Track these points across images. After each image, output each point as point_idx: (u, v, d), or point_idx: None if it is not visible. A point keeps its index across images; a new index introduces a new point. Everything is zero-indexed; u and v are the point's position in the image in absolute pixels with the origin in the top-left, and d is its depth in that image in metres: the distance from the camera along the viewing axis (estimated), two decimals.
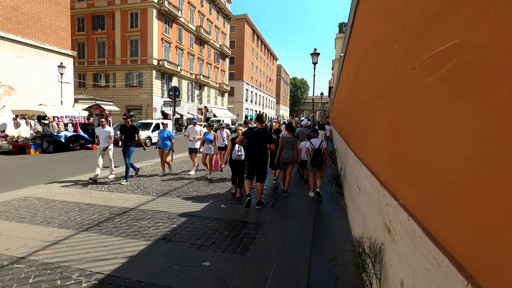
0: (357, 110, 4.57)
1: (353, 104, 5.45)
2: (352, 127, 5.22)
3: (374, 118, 2.89)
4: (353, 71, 5.74)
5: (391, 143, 2.17)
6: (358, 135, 4.24)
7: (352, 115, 5.49)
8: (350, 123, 5.64)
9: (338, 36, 48.35)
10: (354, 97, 5.23)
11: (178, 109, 34.45)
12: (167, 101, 11.63)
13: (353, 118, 5.05)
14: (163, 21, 30.75)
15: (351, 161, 4.75)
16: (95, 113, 22.84)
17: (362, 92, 4.05)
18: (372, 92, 3.15)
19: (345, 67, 8.80)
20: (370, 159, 3.04)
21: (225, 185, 7.13)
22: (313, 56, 13.61)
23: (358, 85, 4.68)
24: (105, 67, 31.21)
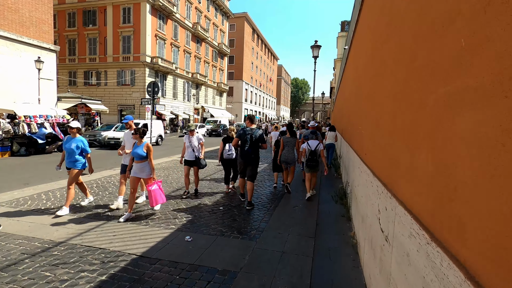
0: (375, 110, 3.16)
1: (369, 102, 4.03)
2: (371, 134, 3.79)
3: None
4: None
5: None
6: (381, 146, 2.82)
7: (365, 116, 4.08)
8: (365, 127, 4.22)
9: (340, 34, 46.92)
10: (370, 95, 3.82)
11: (174, 109, 33.12)
12: (145, 99, 10.21)
13: (369, 120, 3.64)
14: (157, 16, 29.38)
15: (364, 181, 3.33)
16: (81, 112, 21.50)
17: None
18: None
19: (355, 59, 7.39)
20: (420, 200, 1.60)
21: (201, 203, 5.69)
22: (314, 49, 12.17)
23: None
24: (96, 64, 29.86)
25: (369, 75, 3.62)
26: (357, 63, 5.80)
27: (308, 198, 6.02)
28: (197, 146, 6.03)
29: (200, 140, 6.10)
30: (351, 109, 6.81)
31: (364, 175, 3.45)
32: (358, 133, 4.74)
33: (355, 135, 5.34)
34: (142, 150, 4.76)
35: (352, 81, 6.51)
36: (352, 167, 5.09)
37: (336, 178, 8.41)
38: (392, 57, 2.36)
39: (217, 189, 6.82)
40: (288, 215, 5.04)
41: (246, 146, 5.42)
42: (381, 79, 2.82)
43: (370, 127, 3.41)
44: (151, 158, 4.84)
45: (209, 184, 7.36)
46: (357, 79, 5.39)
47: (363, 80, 4.41)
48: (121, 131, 17.01)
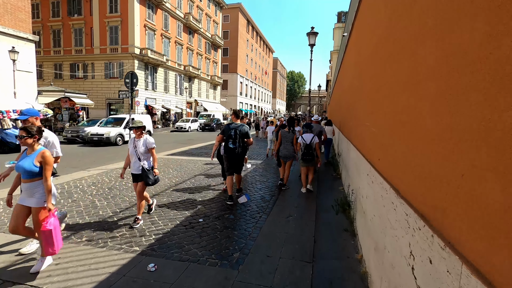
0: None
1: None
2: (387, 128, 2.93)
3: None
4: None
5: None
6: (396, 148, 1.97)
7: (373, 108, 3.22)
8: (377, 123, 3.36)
9: (337, 26, 45.80)
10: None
11: (165, 103, 32.01)
12: (123, 91, 9.24)
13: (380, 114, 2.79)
14: (146, 6, 28.00)
15: (378, 196, 2.50)
16: (64, 106, 20.35)
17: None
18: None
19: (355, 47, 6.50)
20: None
21: (177, 214, 4.83)
22: (310, 36, 11.21)
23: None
24: (82, 56, 28.49)
25: (385, 55, 2.75)
26: (360, 47, 4.92)
27: (306, 192, 6.07)
28: (144, 153, 4.19)
29: (151, 145, 4.21)
30: (352, 100, 5.96)
31: (377, 188, 2.62)
32: (364, 130, 3.90)
33: (358, 131, 4.50)
34: (32, 162, 2.89)
35: (354, 67, 5.63)
36: (356, 171, 4.25)
37: (335, 179, 7.60)
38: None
39: (199, 193, 5.96)
40: (281, 228, 4.21)
41: (230, 141, 5.31)
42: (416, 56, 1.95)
43: (385, 124, 2.56)
44: (46, 176, 2.93)
45: (190, 188, 6.49)
46: (363, 64, 4.52)
47: (373, 63, 3.54)
48: (105, 126, 16.02)
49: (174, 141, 17.62)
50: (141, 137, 4.24)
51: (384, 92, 2.66)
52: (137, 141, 4.23)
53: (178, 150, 12.93)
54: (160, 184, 6.63)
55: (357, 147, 4.42)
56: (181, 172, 8.00)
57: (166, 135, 22.92)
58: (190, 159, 10.30)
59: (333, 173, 8.18)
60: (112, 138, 14.97)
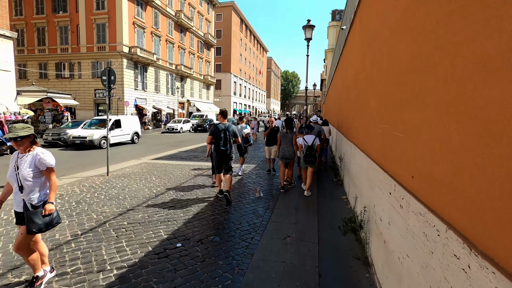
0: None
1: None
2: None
3: None
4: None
5: None
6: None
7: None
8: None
9: (331, 24, 45.29)
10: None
11: (156, 104, 31.00)
12: (100, 90, 8.34)
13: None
14: (134, 2, 26.94)
15: (411, 225, 1.73)
16: (47, 108, 19.26)
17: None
18: None
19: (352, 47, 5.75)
20: None
21: (152, 235, 3.99)
22: (306, 30, 10.41)
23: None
24: (68, 55, 27.29)
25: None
26: (365, 36, 4.16)
27: (307, 201, 5.70)
28: (31, 178, 2.57)
29: (45, 165, 2.63)
30: (356, 98, 5.20)
31: (413, 220, 1.84)
32: (379, 134, 3.12)
33: (370, 134, 3.73)
34: None
35: (362, 59, 4.86)
36: (368, 184, 3.48)
37: (337, 185, 6.84)
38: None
39: (181, 207, 5.12)
40: (277, 255, 3.42)
41: (220, 142, 5.33)
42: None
43: (429, 129, 1.78)
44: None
45: (172, 200, 5.65)
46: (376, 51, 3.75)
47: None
48: (89, 128, 15.03)
49: (163, 143, 16.70)
50: (28, 152, 2.62)
51: (440, 74, 1.87)
52: (20, 158, 2.61)
53: (165, 153, 12.04)
54: (138, 196, 5.78)
55: (369, 154, 3.64)
56: (165, 180, 7.15)
57: (156, 136, 21.96)
58: (177, 164, 9.44)
59: (334, 179, 7.42)
60: (96, 141, 14.01)
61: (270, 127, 7.70)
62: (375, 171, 3.13)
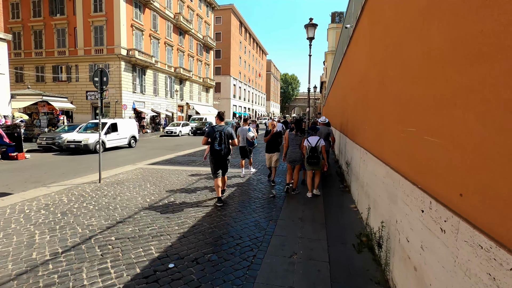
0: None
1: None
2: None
3: None
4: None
5: None
6: None
7: None
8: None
9: (331, 26, 45.06)
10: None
11: (155, 107, 30.63)
12: (91, 92, 7.96)
13: None
14: (132, 4, 26.66)
15: (471, 258, 1.31)
16: (42, 111, 18.85)
17: None
18: None
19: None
20: None
21: (133, 264, 3.55)
22: (308, 29, 10.01)
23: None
24: (66, 58, 26.95)
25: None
26: (376, 31, 3.75)
27: (312, 197, 5.94)
28: None
29: None
30: (362, 98, 4.79)
31: (460, 243, 1.41)
32: (401, 138, 2.70)
33: (386, 138, 3.31)
34: None
35: (371, 54, 4.45)
36: (387, 195, 3.04)
37: (344, 193, 6.40)
38: None
39: (176, 218, 4.68)
40: (283, 279, 2.96)
41: (216, 143, 5.39)
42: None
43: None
44: None
45: (166, 210, 5.21)
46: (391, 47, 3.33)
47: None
48: (84, 132, 14.61)
49: (161, 147, 16.27)
50: None
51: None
52: None
53: (162, 158, 11.61)
54: (130, 206, 5.34)
55: (386, 161, 3.21)
56: (160, 187, 6.71)
57: (155, 140, 21.55)
58: (174, 169, 9.01)
59: (340, 185, 6.98)
60: (91, 145, 13.58)
61: (272, 131, 7.11)
62: (397, 181, 2.70)
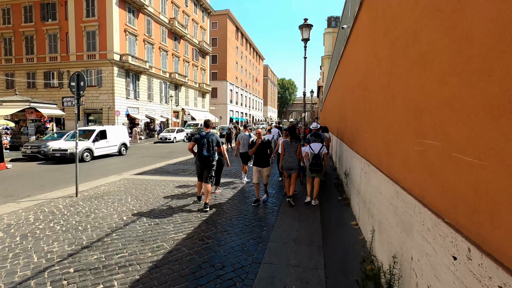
0: None
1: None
2: None
3: None
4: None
5: None
6: None
7: None
8: None
9: (327, 31, 45.00)
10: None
11: (149, 113, 30.04)
12: (68, 98, 7.39)
13: None
14: (126, 9, 26.24)
15: None
16: (30, 118, 18.20)
17: None
18: None
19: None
20: None
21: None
22: (303, 29, 9.50)
23: None
24: (57, 64, 26.38)
25: None
26: (378, 26, 3.23)
27: (308, 203, 5.87)
28: None
29: None
30: (363, 101, 4.24)
31: None
32: (413, 153, 2.14)
33: (392, 151, 2.76)
34: None
35: (373, 53, 3.92)
36: (401, 226, 2.47)
37: (343, 206, 5.82)
38: None
39: (152, 242, 4.07)
40: None
41: (203, 149, 5.50)
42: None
43: None
44: None
45: (143, 231, 4.60)
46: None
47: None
48: (71, 140, 13.97)
49: (152, 155, 15.65)
50: None
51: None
52: None
53: (151, 167, 10.99)
54: (102, 226, 4.72)
55: (396, 179, 2.65)
56: (141, 202, 6.10)
57: (148, 147, 20.92)
58: (161, 180, 8.40)
59: (339, 197, 6.41)
60: (78, 154, 12.91)
61: (257, 143, 5.91)
62: (411, 206, 2.13)
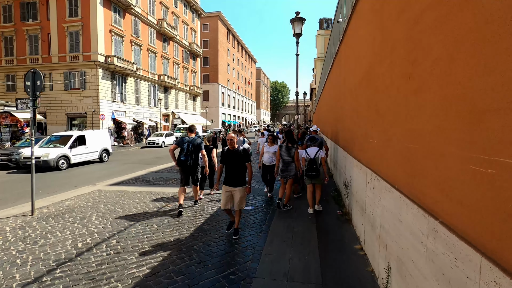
0: None
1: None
2: None
3: None
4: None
5: None
6: None
7: None
8: None
9: (319, 32, 44.62)
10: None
11: (137, 116, 28.93)
12: (22, 99, 6.27)
13: None
14: (111, 9, 25.22)
15: None
16: (5, 123, 17.01)
17: None
18: None
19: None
20: None
21: None
22: (295, 24, 8.67)
23: None
24: (39, 65, 25.06)
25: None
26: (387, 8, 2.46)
27: (312, 214, 5.43)
28: None
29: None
30: (366, 100, 3.46)
31: None
32: (462, 173, 1.34)
33: (418, 166, 1.95)
34: None
35: (381, 42, 3.14)
36: (430, 266, 1.66)
37: (343, 222, 5.01)
38: None
39: (106, 283, 3.18)
40: None
41: (182, 153, 5.55)
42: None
43: None
44: None
45: (97, 265, 3.69)
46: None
47: None
48: (46, 146, 12.89)
49: (136, 161, 14.64)
50: None
51: None
52: None
53: (131, 175, 10.02)
54: (46, 259, 3.78)
55: (429, 208, 1.83)
56: (107, 221, 5.17)
57: (134, 152, 19.86)
58: (138, 192, 7.47)
59: (338, 210, 5.61)
60: (52, 162, 11.86)
61: (231, 146, 4.37)
62: (465, 259, 1.32)
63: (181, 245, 4.12)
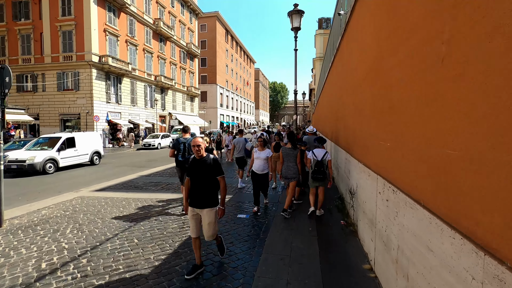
0: None
1: None
2: None
3: None
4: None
5: None
6: None
7: None
8: None
9: (318, 32, 44.16)
10: None
11: (133, 117, 28.35)
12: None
13: None
14: (105, 8, 24.65)
15: None
16: None
17: None
18: None
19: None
20: None
21: None
22: (293, 17, 8.09)
23: None
24: (31, 66, 24.49)
25: None
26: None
27: (311, 214, 5.31)
28: None
29: None
30: (377, 97, 2.91)
31: None
32: None
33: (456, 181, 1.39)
34: None
35: (391, 31, 2.58)
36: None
37: (347, 234, 4.44)
38: None
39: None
40: None
41: (179, 154, 5.60)
42: None
43: None
44: None
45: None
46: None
47: None
48: (33, 149, 12.29)
49: (129, 164, 14.05)
50: None
51: None
52: None
53: (120, 180, 9.43)
54: (3, 284, 3.21)
55: (495, 253, 1.27)
56: (82, 235, 4.59)
57: (129, 154, 19.27)
58: (124, 198, 6.89)
59: (341, 220, 5.04)
60: (38, 165, 11.24)
61: (201, 154, 3.31)
62: None
63: (162, 265, 3.55)
